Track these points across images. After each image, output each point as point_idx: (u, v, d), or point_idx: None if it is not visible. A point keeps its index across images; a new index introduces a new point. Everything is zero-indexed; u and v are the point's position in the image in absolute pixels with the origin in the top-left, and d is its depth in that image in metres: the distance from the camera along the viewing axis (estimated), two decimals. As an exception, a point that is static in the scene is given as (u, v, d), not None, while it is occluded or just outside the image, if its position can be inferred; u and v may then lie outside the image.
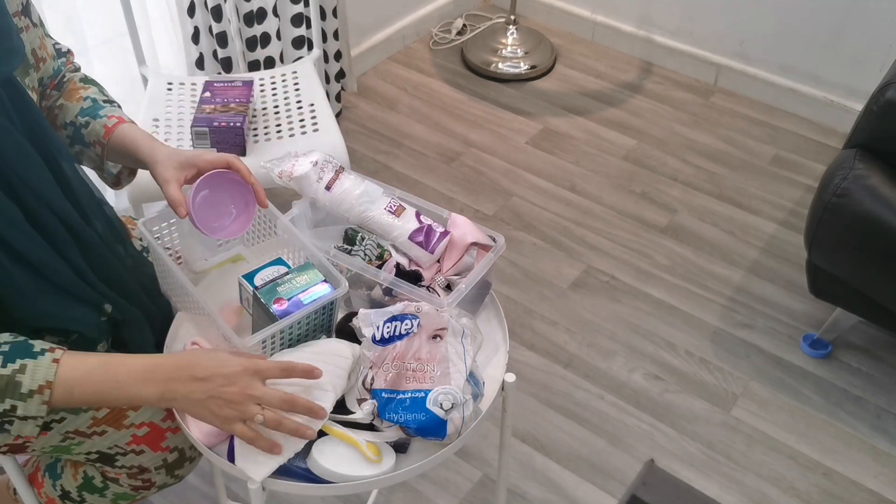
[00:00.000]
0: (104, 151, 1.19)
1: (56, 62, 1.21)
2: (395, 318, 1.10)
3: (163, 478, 1.25)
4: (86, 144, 1.20)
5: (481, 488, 1.73)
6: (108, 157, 1.21)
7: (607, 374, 1.96)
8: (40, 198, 1.02)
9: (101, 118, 1.19)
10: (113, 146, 1.18)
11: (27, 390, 0.93)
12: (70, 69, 1.25)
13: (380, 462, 1.05)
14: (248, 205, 1.18)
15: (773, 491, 1.74)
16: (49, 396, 0.93)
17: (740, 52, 2.78)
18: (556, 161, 2.56)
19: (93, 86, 1.25)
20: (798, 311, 2.11)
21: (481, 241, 1.24)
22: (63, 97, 1.22)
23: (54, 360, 0.94)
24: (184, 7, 2.09)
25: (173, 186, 1.12)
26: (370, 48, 2.88)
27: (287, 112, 1.91)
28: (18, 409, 0.93)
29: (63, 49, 1.25)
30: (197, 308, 1.15)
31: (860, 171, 1.64)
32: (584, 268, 2.22)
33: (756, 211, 2.39)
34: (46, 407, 0.94)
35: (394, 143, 2.62)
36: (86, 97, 1.21)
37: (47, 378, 0.93)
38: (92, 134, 1.19)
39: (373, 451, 1.05)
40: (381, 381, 1.06)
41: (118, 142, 1.18)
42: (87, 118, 1.19)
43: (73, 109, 1.20)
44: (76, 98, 1.21)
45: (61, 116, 1.21)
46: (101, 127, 1.18)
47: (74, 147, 1.21)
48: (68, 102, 1.21)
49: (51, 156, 1.04)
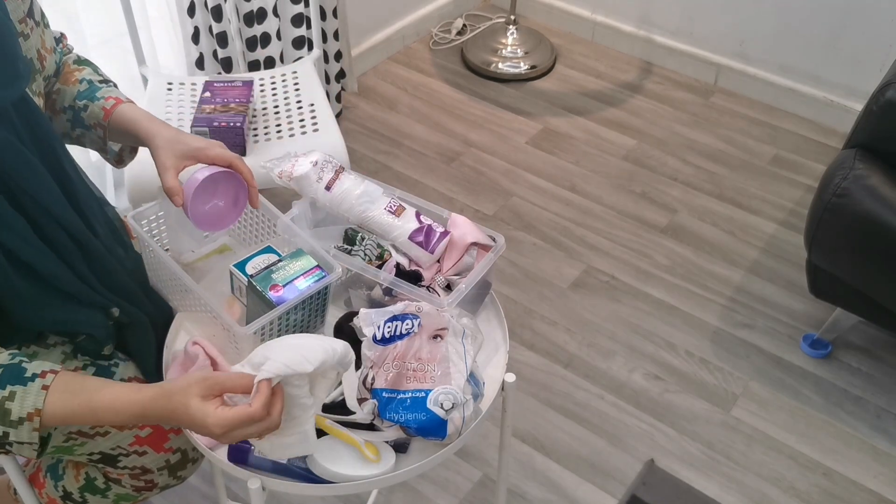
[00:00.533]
0: (105, 133, 1.19)
1: (56, 55, 1.20)
2: (396, 317, 1.10)
3: (165, 479, 1.25)
4: (87, 127, 1.20)
5: (481, 488, 1.73)
6: (109, 138, 1.21)
7: (607, 374, 1.96)
8: (48, 211, 1.02)
9: (99, 100, 1.19)
10: (113, 127, 1.18)
11: (17, 417, 0.91)
12: (64, 51, 1.24)
13: (378, 462, 1.05)
14: (237, 201, 1.19)
15: (773, 491, 1.74)
16: (39, 424, 0.92)
17: (740, 52, 2.78)
18: (556, 161, 2.56)
19: (87, 66, 1.24)
20: (798, 311, 2.11)
21: (481, 241, 1.24)
22: (60, 81, 1.21)
23: (44, 387, 0.92)
24: (184, 7, 2.09)
25: (171, 174, 1.12)
26: (370, 48, 2.88)
27: (287, 112, 1.91)
28: (11, 435, 0.92)
29: (56, 35, 1.23)
30: (193, 299, 1.16)
31: (860, 171, 1.64)
32: (584, 268, 2.22)
33: (756, 211, 2.40)
34: (38, 433, 0.92)
35: (394, 143, 2.62)
36: (81, 79, 1.21)
37: (36, 406, 0.91)
38: (91, 117, 1.19)
39: (372, 451, 1.05)
40: (382, 380, 1.06)
41: (118, 123, 1.18)
42: (85, 101, 1.19)
43: (71, 92, 1.20)
44: (72, 81, 1.21)
45: (59, 100, 1.20)
46: (99, 109, 1.18)
47: (76, 130, 1.21)
48: (65, 86, 1.21)
49: (59, 166, 1.04)
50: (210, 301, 1.11)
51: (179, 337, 1.22)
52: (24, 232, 0.99)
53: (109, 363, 1.18)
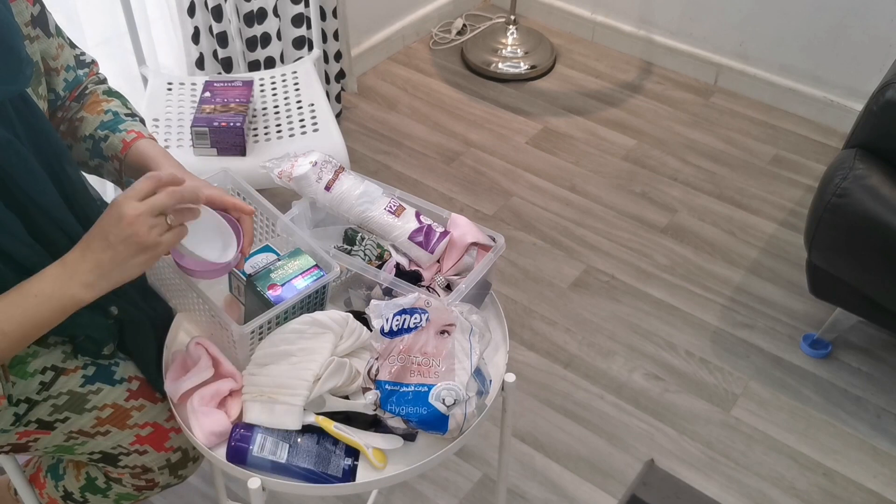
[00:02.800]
0: (122, 166, 1.17)
1: (77, 72, 1.18)
2: (405, 311, 1.10)
3: (166, 478, 1.25)
4: (104, 158, 1.17)
5: (481, 488, 1.73)
6: (125, 173, 1.18)
7: (607, 374, 1.96)
8: (44, 211, 1.01)
9: (121, 132, 1.16)
10: (129, 162, 1.16)
11: None
12: (93, 80, 1.22)
13: (384, 468, 1.05)
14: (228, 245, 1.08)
15: (773, 491, 1.74)
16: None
17: (740, 52, 2.78)
18: (556, 161, 2.56)
19: (116, 98, 1.22)
20: (798, 311, 2.11)
21: (481, 241, 1.24)
22: (84, 109, 1.19)
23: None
24: (184, 7, 2.09)
25: None
26: (370, 48, 2.88)
27: (287, 112, 1.91)
28: None
29: (87, 60, 1.22)
30: (192, 299, 1.16)
31: (860, 171, 1.64)
32: (584, 268, 2.22)
33: (756, 211, 2.40)
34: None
35: (394, 143, 2.62)
36: (107, 110, 1.19)
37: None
38: (110, 148, 1.16)
39: (379, 457, 1.05)
40: (386, 372, 1.06)
41: (134, 158, 1.15)
42: (107, 132, 1.16)
43: (94, 122, 1.17)
44: (97, 111, 1.19)
45: (81, 129, 1.18)
46: (119, 142, 1.16)
47: (94, 161, 1.18)
48: (89, 115, 1.18)
49: (58, 165, 1.04)
50: (209, 300, 1.11)
51: (179, 337, 1.22)
52: (17, 231, 0.98)
53: (110, 363, 1.18)
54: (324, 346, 1.08)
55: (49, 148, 1.03)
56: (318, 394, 1.06)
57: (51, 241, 1.03)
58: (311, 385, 1.05)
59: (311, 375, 1.06)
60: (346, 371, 1.08)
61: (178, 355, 1.16)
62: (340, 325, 1.11)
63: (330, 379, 1.06)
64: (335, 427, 1.06)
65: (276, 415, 1.05)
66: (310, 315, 1.11)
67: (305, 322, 1.09)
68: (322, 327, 1.09)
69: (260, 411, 1.06)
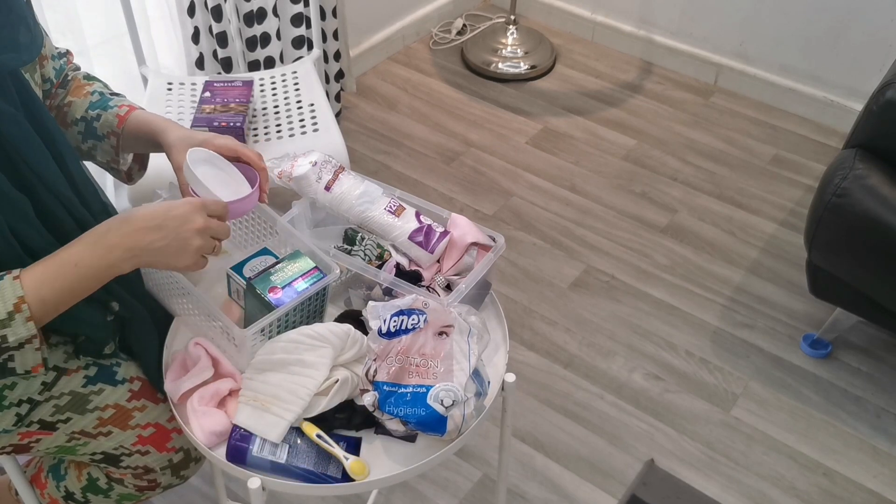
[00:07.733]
0: (118, 142, 1.19)
1: (58, 62, 1.21)
2: (403, 312, 1.10)
3: (168, 478, 1.25)
4: (99, 138, 1.20)
5: (481, 488, 1.73)
6: (123, 147, 1.21)
7: (607, 374, 1.96)
8: (49, 188, 1.02)
9: (112, 108, 1.20)
10: (128, 133, 1.19)
11: (5, 314, 0.91)
12: (72, 68, 1.25)
13: (364, 479, 1.04)
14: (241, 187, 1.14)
15: (773, 491, 1.74)
16: (28, 311, 0.92)
17: (740, 52, 2.78)
18: (556, 161, 2.56)
19: (96, 81, 1.26)
20: (798, 311, 2.11)
21: (481, 241, 1.25)
22: (70, 94, 1.22)
23: (15, 278, 0.93)
24: (184, 7, 2.09)
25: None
26: (370, 48, 2.88)
27: (287, 112, 1.91)
28: (8, 336, 0.92)
29: (62, 50, 1.25)
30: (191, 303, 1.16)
31: (860, 171, 1.64)
32: (584, 268, 2.22)
33: (756, 211, 2.40)
34: (33, 323, 0.93)
35: (394, 143, 2.62)
36: (93, 91, 1.22)
37: (17, 294, 0.92)
38: (105, 125, 1.19)
39: (356, 469, 1.04)
40: (384, 374, 1.06)
41: (133, 128, 1.18)
42: (98, 111, 1.20)
43: (83, 104, 1.20)
44: (83, 93, 1.22)
45: (70, 113, 1.21)
46: (113, 117, 1.19)
47: (87, 142, 1.21)
48: (76, 98, 1.21)
49: (56, 149, 1.05)
50: (208, 303, 1.11)
51: (179, 337, 1.22)
52: (27, 212, 0.99)
53: (111, 363, 1.18)
54: (322, 360, 1.08)
55: (48, 130, 1.04)
56: (319, 411, 1.06)
57: (56, 223, 1.03)
58: (305, 403, 1.05)
59: (307, 394, 1.06)
60: (349, 387, 1.09)
61: (178, 355, 1.16)
62: (341, 338, 1.10)
63: (335, 398, 1.07)
64: (316, 436, 1.06)
65: (263, 423, 1.05)
66: (310, 327, 1.10)
67: (305, 333, 1.09)
68: (322, 340, 1.09)
69: (249, 416, 1.06)
